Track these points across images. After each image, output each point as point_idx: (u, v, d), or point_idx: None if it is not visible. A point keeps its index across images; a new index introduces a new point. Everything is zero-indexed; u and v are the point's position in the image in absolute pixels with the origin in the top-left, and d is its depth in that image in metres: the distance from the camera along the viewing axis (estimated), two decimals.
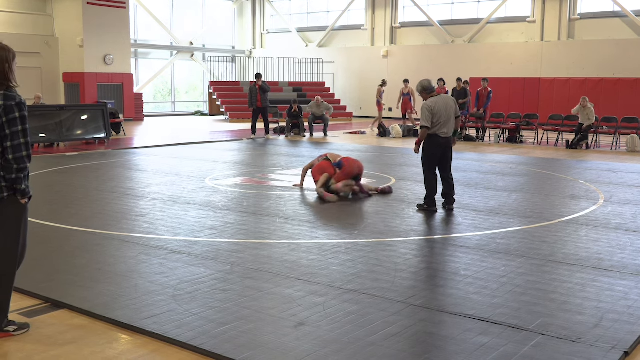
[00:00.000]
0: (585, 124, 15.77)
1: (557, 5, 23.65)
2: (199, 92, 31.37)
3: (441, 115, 7.65)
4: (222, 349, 3.76)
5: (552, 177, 11.01)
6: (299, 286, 4.91)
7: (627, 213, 7.90)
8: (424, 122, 7.67)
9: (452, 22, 26.46)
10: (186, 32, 29.84)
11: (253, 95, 17.69)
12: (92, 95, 23.26)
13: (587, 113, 15.75)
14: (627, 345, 3.88)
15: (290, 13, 31.37)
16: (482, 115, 17.93)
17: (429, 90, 7.85)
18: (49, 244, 6.15)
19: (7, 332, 3.96)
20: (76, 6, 23.12)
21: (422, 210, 7.89)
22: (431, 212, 7.78)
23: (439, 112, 7.64)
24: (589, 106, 15.80)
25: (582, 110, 15.84)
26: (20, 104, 3.80)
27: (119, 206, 8.08)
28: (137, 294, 4.69)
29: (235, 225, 7.04)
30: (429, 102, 7.70)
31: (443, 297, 4.73)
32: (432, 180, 7.85)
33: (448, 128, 7.75)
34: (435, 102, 7.70)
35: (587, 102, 15.83)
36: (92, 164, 12.19)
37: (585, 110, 15.77)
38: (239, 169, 11.75)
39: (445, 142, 7.81)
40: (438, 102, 7.70)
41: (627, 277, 5.25)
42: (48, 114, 15.11)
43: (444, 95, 7.93)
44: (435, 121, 7.64)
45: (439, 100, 7.74)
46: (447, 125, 7.73)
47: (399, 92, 20.51)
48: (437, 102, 7.70)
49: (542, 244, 6.33)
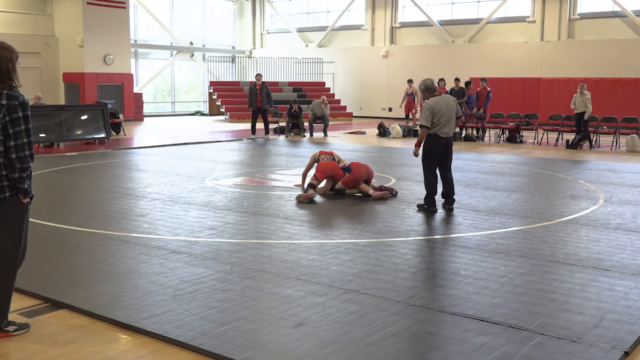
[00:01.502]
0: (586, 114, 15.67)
1: (557, 5, 23.65)
2: (199, 92, 31.37)
3: (442, 115, 7.64)
4: (222, 349, 3.76)
5: (552, 177, 11.01)
6: (299, 286, 4.91)
7: (627, 213, 7.90)
8: (423, 121, 7.66)
9: (452, 22, 26.46)
10: (186, 32, 29.84)
11: (253, 96, 17.69)
12: (92, 95, 23.27)
13: (584, 100, 15.69)
14: (627, 345, 3.88)
15: (290, 13, 31.37)
16: (481, 115, 17.93)
17: (432, 89, 7.82)
18: (49, 244, 6.15)
19: (7, 332, 3.96)
20: (76, 6, 23.12)
21: (422, 210, 7.88)
22: (431, 212, 7.79)
23: (440, 112, 7.63)
24: (586, 93, 15.75)
25: (579, 97, 15.78)
26: (23, 103, 3.81)
27: (119, 206, 8.08)
28: (137, 294, 4.69)
29: (235, 225, 7.04)
30: (430, 102, 7.69)
31: (443, 297, 4.73)
32: (433, 180, 7.84)
33: (449, 128, 7.74)
34: (436, 101, 7.69)
35: (584, 88, 15.79)
36: (92, 164, 12.19)
37: (582, 97, 15.71)
38: (239, 169, 11.75)
39: (446, 142, 7.80)
40: (439, 102, 7.69)
41: (627, 277, 5.25)
42: (48, 114, 15.11)
43: (446, 95, 7.90)
44: (436, 121, 7.63)
45: (440, 100, 7.72)
46: (448, 125, 7.71)
47: (403, 92, 20.49)
48: (438, 102, 7.68)
49: (542, 244, 6.33)
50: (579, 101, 15.84)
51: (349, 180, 8.72)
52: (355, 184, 8.74)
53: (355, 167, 8.80)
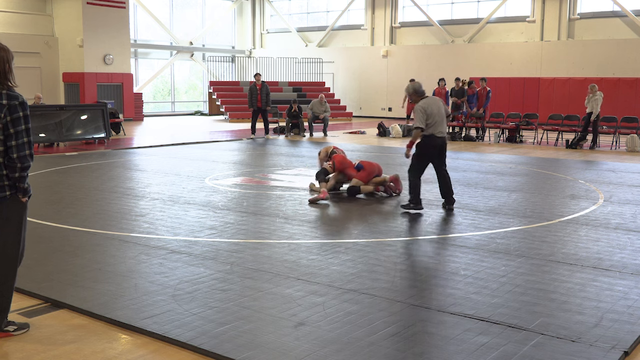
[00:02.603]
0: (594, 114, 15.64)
1: (556, 5, 23.65)
2: (199, 92, 31.37)
3: (435, 115, 7.74)
4: (222, 349, 3.76)
5: (552, 176, 11.01)
6: (298, 286, 4.91)
7: (626, 213, 7.90)
8: (418, 123, 7.72)
9: (451, 22, 26.46)
10: (186, 32, 29.84)
11: (253, 95, 17.69)
12: (92, 95, 23.27)
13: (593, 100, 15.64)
14: (627, 345, 3.88)
15: (290, 13, 31.37)
16: (481, 115, 17.93)
17: (420, 93, 7.97)
18: (49, 244, 6.15)
19: (7, 332, 3.96)
20: (76, 6, 23.13)
21: (408, 211, 7.81)
22: (418, 214, 7.71)
23: (432, 113, 7.72)
24: (598, 93, 15.68)
25: (590, 98, 15.74)
26: (23, 103, 3.83)
27: (119, 206, 8.08)
28: (137, 294, 4.69)
29: (235, 225, 7.04)
30: (422, 104, 7.78)
31: (443, 297, 4.73)
32: (419, 181, 7.87)
33: (443, 127, 7.81)
34: (428, 103, 7.79)
35: (595, 90, 15.74)
36: (92, 164, 12.19)
37: (594, 96, 15.66)
38: (239, 169, 11.75)
39: (442, 141, 7.85)
40: (430, 104, 7.80)
41: (627, 276, 5.25)
42: (48, 114, 15.10)
43: (433, 97, 8.03)
44: (430, 122, 7.71)
45: (431, 102, 7.85)
46: (442, 125, 7.80)
47: (404, 92, 20.38)
48: (429, 104, 7.79)
49: (542, 243, 6.33)
50: (590, 102, 15.80)
51: (363, 175, 8.94)
52: (369, 177, 8.97)
53: (365, 164, 9.12)
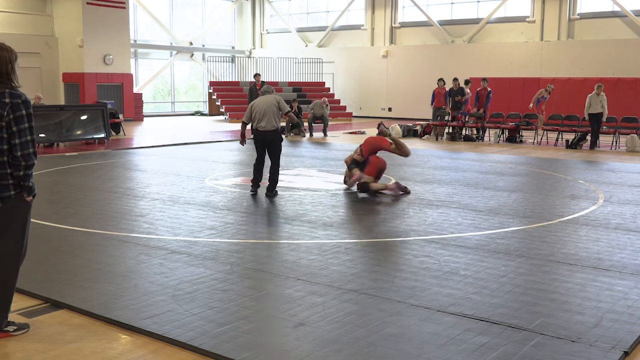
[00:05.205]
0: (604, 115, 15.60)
1: (556, 5, 23.65)
2: (199, 92, 31.36)
3: (258, 111, 8.65)
4: (222, 349, 3.76)
5: (552, 177, 11.01)
6: (298, 286, 4.91)
7: (626, 213, 7.90)
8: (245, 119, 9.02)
9: (451, 22, 26.46)
10: (186, 32, 29.84)
11: (253, 95, 17.69)
12: (92, 95, 23.26)
13: (600, 100, 15.64)
14: (627, 345, 3.88)
15: (290, 13, 31.37)
16: (481, 115, 17.93)
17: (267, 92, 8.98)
18: (49, 244, 6.15)
19: (7, 332, 3.96)
20: (76, 6, 23.12)
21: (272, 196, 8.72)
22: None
23: (257, 110, 8.70)
24: (602, 94, 15.67)
25: (595, 97, 15.71)
26: (26, 101, 3.84)
27: (119, 206, 8.08)
28: (137, 294, 4.69)
29: (235, 225, 7.04)
30: (256, 101, 8.90)
31: (443, 297, 4.73)
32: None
33: (266, 123, 8.68)
34: (259, 101, 8.84)
35: (601, 89, 15.71)
36: (92, 164, 12.19)
37: (599, 97, 15.64)
38: (239, 169, 11.75)
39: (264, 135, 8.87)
40: (260, 102, 8.80)
41: (627, 277, 5.25)
42: (48, 114, 15.09)
43: (267, 96, 8.86)
44: (254, 117, 8.76)
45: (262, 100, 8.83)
46: (265, 120, 8.68)
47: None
48: (260, 102, 8.81)
49: (542, 244, 6.33)
50: (595, 101, 15.76)
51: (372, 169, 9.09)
52: (376, 168, 9.14)
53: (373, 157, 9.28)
